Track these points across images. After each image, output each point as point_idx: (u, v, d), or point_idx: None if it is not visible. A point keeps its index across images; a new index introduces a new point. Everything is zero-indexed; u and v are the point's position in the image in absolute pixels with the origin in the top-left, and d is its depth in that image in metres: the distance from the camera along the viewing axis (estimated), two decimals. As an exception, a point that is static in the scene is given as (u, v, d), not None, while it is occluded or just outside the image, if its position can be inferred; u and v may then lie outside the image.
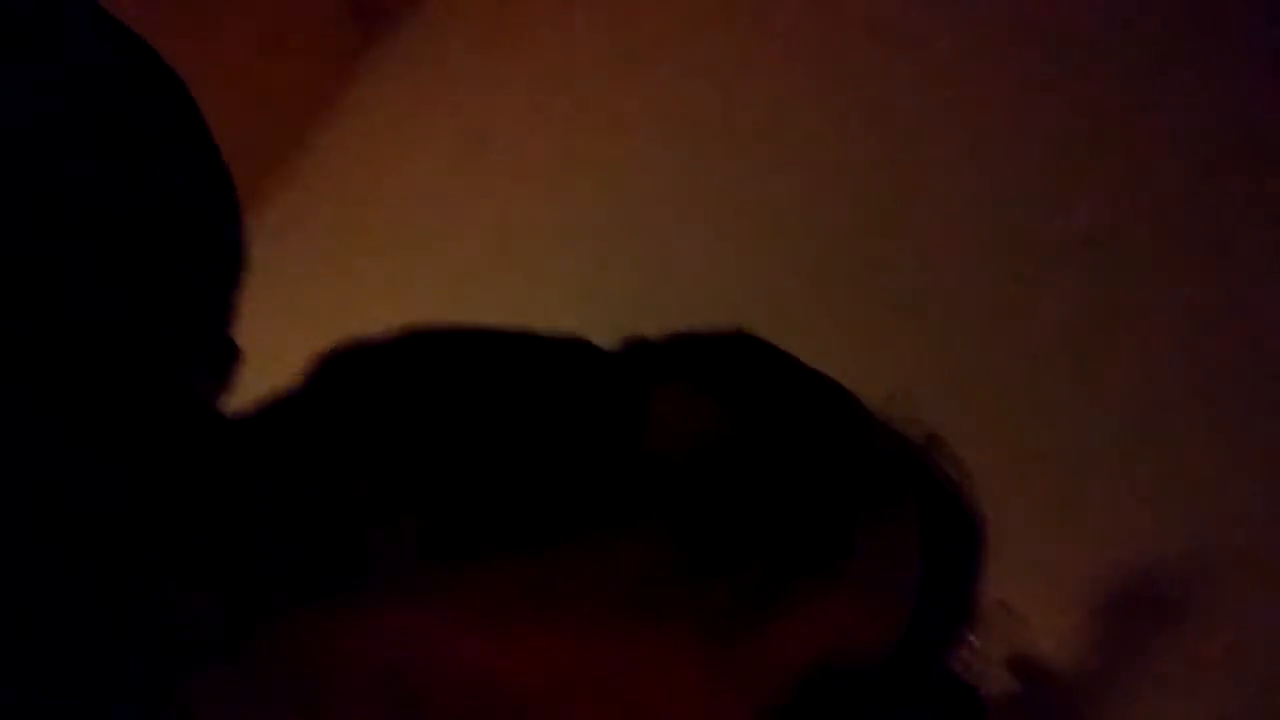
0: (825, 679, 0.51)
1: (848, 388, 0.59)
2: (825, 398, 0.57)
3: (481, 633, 0.46)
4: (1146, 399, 1.13)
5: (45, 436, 0.48)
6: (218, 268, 0.57)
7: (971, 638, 1.05)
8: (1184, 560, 1.06)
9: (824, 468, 0.52)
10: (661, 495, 0.49)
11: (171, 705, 0.47)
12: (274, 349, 0.63)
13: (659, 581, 0.48)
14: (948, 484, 0.59)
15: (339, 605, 0.46)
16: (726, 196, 1.59)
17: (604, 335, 0.56)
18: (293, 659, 0.47)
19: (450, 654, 0.46)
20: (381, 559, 0.46)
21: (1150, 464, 1.11)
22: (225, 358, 0.57)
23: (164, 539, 0.48)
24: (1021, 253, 1.29)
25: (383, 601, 0.46)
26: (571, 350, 0.54)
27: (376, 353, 0.52)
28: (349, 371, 0.51)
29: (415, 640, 0.46)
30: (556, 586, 0.47)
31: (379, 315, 0.57)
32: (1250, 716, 0.99)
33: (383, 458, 0.48)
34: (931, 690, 0.59)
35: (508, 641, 0.46)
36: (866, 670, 0.53)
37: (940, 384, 1.23)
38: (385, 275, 1.93)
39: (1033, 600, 1.06)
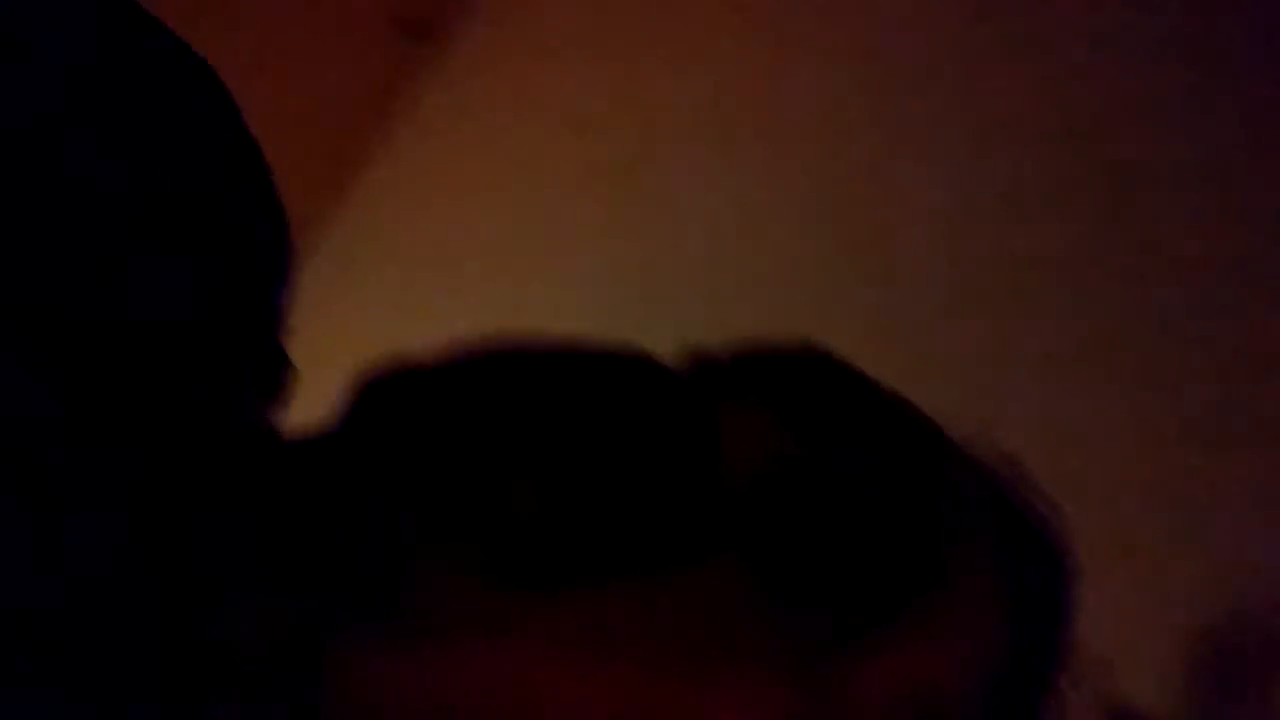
0: None
1: (927, 407, 0.56)
2: (902, 421, 0.55)
3: (551, 669, 0.45)
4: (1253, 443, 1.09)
5: (86, 447, 0.46)
6: (265, 275, 0.55)
7: (1064, 688, 1.01)
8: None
9: (904, 496, 0.50)
10: (738, 525, 0.47)
11: None
12: (326, 369, 0.61)
13: (739, 618, 0.46)
14: (1034, 518, 0.55)
15: (399, 638, 0.45)
16: (784, 202, 1.58)
17: (663, 348, 0.54)
18: (343, 696, 0.45)
19: (518, 693, 0.45)
20: (447, 592, 0.45)
21: (1253, 505, 1.06)
22: (277, 368, 0.56)
23: (203, 565, 0.47)
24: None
25: (452, 635, 0.45)
26: (634, 365, 0.51)
27: (425, 372, 0.50)
28: (395, 392, 0.50)
29: (480, 678, 0.45)
30: (630, 623, 0.45)
31: (433, 332, 0.56)
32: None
33: (444, 489, 0.46)
34: None
35: (579, 679, 0.45)
36: (954, 716, 0.50)
37: (1029, 410, 1.19)
38: (438, 292, 1.95)
39: (1129, 650, 1.02)
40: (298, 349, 0.57)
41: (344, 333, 1.59)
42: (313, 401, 0.62)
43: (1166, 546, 1.10)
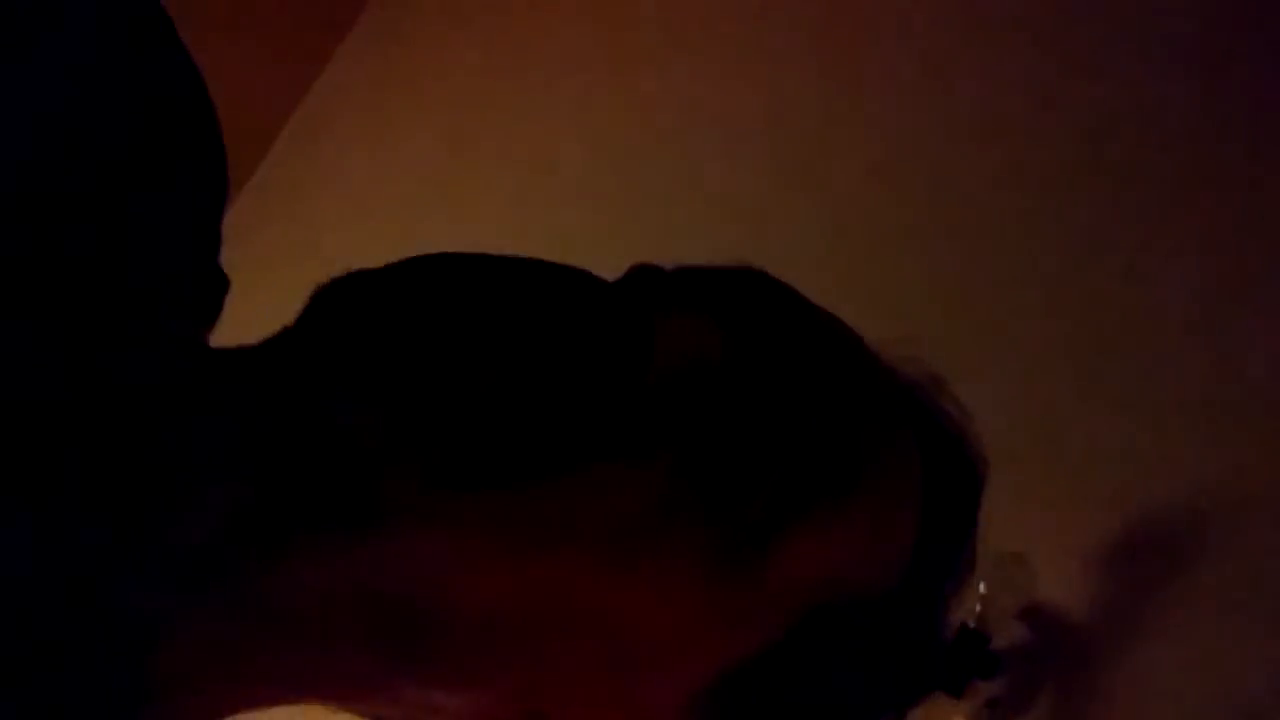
0: (825, 614, 0.52)
1: (851, 321, 0.59)
2: (829, 332, 0.57)
3: (490, 561, 0.47)
4: (1154, 346, 1.13)
5: (32, 363, 0.48)
6: (202, 197, 0.56)
7: (982, 588, 1.06)
8: (1191, 505, 1.06)
9: (827, 400, 0.52)
10: (667, 425, 0.49)
11: (168, 636, 0.47)
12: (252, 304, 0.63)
13: (664, 512, 0.48)
14: (950, 424, 0.59)
15: (345, 535, 0.47)
16: (721, 141, 1.59)
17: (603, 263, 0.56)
18: (294, 588, 0.47)
19: (457, 581, 0.47)
20: (389, 489, 0.46)
21: (1156, 410, 1.10)
22: (214, 286, 0.57)
23: (159, 467, 0.48)
24: (1023, 189, 1.28)
25: (395, 529, 0.46)
26: (575, 277, 0.53)
27: (376, 282, 0.51)
28: (348, 301, 0.51)
29: (423, 567, 0.47)
30: (564, 517, 0.47)
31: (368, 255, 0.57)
32: (1258, 660, 0.99)
33: (387, 387, 0.48)
34: (934, 635, 0.59)
35: (515, 570, 0.47)
36: (867, 608, 0.53)
37: (944, 327, 1.23)
38: (374, 218, 1.93)
39: (1042, 550, 1.06)
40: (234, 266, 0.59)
41: (279, 251, 1.58)
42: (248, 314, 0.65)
43: (1080, 448, 1.15)
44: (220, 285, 0.58)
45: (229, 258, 0.58)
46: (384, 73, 2.23)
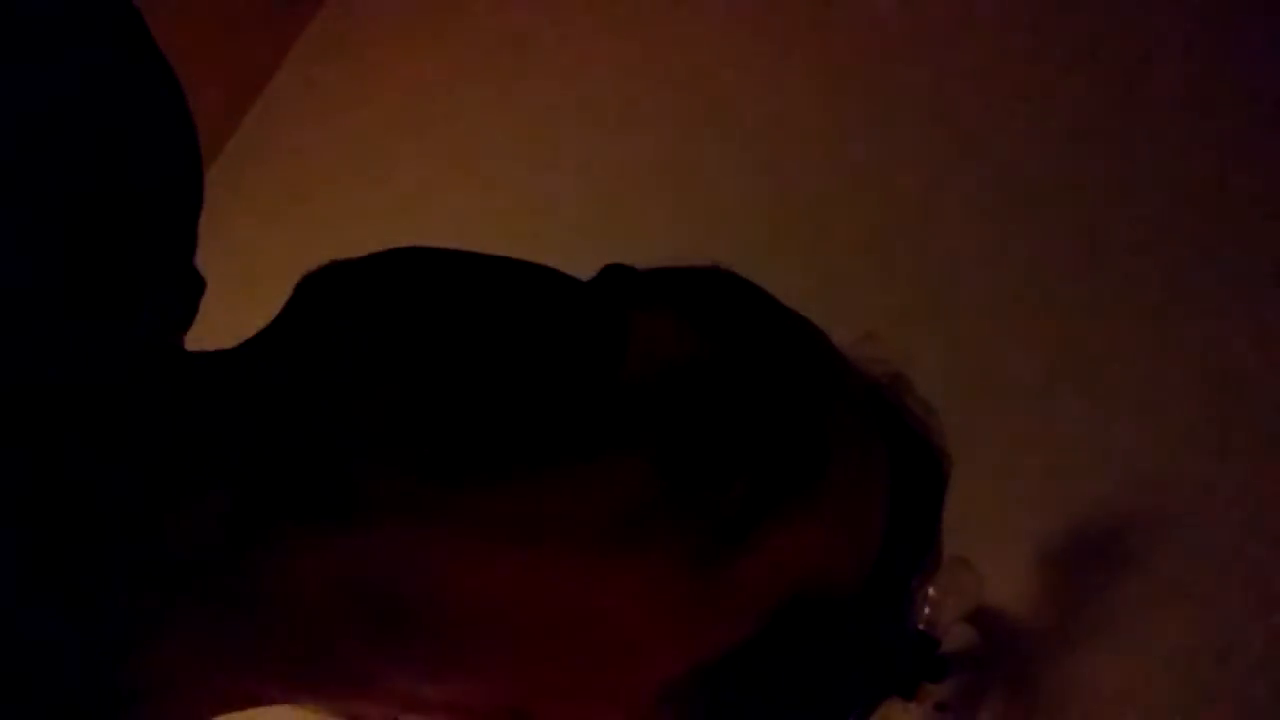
0: (797, 608, 0.52)
1: (819, 322, 0.59)
2: (797, 331, 0.58)
3: (473, 554, 0.47)
4: (1105, 349, 1.15)
5: (10, 367, 0.47)
6: (179, 199, 0.56)
7: (931, 592, 1.07)
8: (1138, 509, 1.08)
9: (797, 397, 0.53)
10: (643, 421, 0.49)
11: (157, 635, 0.47)
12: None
13: (642, 506, 0.49)
14: (914, 421, 0.60)
15: (328, 528, 0.47)
16: (673, 141, 1.59)
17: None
18: (280, 583, 0.47)
19: (440, 574, 0.47)
20: (371, 482, 0.47)
21: (1105, 413, 1.12)
22: (190, 287, 0.57)
23: (144, 468, 0.48)
24: (993, 190, 1.30)
25: (376, 522, 0.47)
26: (550, 275, 0.54)
27: (355, 277, 0.52)
28: (332, 293, 0.51)
29: (406, 560, 0.47)
30: (543, 511, 0.47)
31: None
32: (1205, 664, 1.00)
33: (373, 380, 0.48)
34: (898, 626, 0.60)
35: (496, 563, 0.47)
36: (838, 601, 0.54)
37: (893, 326, 1.24)
38: (347, 226, 1.92)
39: (989, 555, 1.07)
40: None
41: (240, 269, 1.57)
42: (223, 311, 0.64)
43: (1028, 451, 1.16)
44: (196, 286, 0.58)
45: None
46: (345, 62, 2.21)
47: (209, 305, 0.58)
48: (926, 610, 1.07)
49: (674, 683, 0.51)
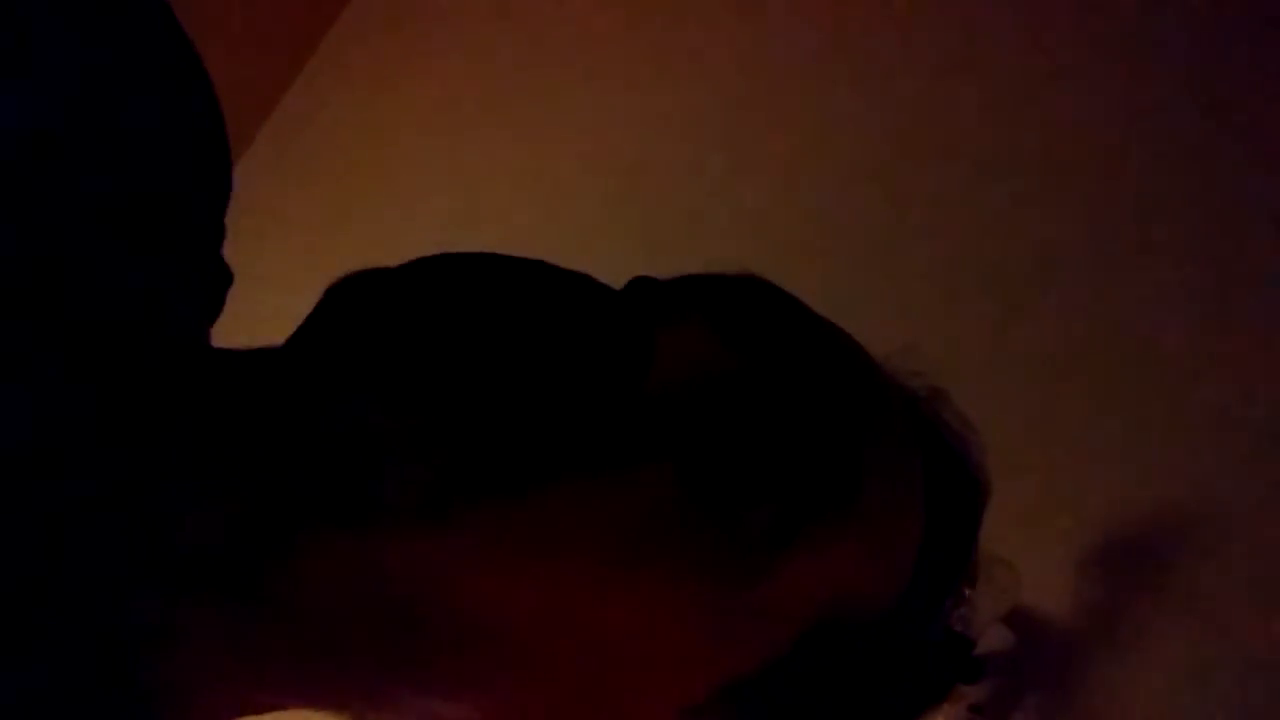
0: (828, 629, 0.51)
1: (855, 335, 0.58)
2: (832, 343, 0.56)
3: (492, 567, 0.46)
4: (1145, 355, 1.14)
5: (35, 362, 0.47)
6: (207, 191, 0.56)
7: (968, 592, 1.06)
8: (1177, 514, 1.07)
9: (830, 412, 0.51)
10: (670, 434, 0.48)
11: (172, 640, 0.47)
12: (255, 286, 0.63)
13: (666, 522, 0.47)
14: (952, 439, 0.59)
15: (347, 535, 0.46)
16: (728, 144, 1.58)
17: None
18: (296, 588, 0.47)
19: (459, 586, 0.46)
20: (393, 491, 0.46)
21: (1146, 418, 1.11)
22: (217, 280, 0.57)
23: (162, 468, 0.48)
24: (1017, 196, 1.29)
25: (396, 531, 0.46)
26: (580, 284, 0.53)
27: (386, 284, 0.51)
28: (361, 300, 0.50)
29: (425, 570, 0.46)
30: (566, 524, 0.47)
31: (362, 258, 0.57)
32: (1240, 667, 0.99)
33: (399, 389, 0.47)
34: (930, 647, 0.59)
35: (516, 576, 0.46)
36: (868, 623, 0.53)
37: (932, 335, 1.23)
38: (370, 221, 1.92)
39: (1028, 557, 1.06)
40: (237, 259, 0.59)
41: (271, 258, 1.58)
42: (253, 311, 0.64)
43: (1069, 454, 1.15)
44: (224, 279, 0.57)
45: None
46: (374, 60, 2.22)
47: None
48: (963, 611, 1.06)
49: (696, 704, 0.50)
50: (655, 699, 0.50)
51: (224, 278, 0.57)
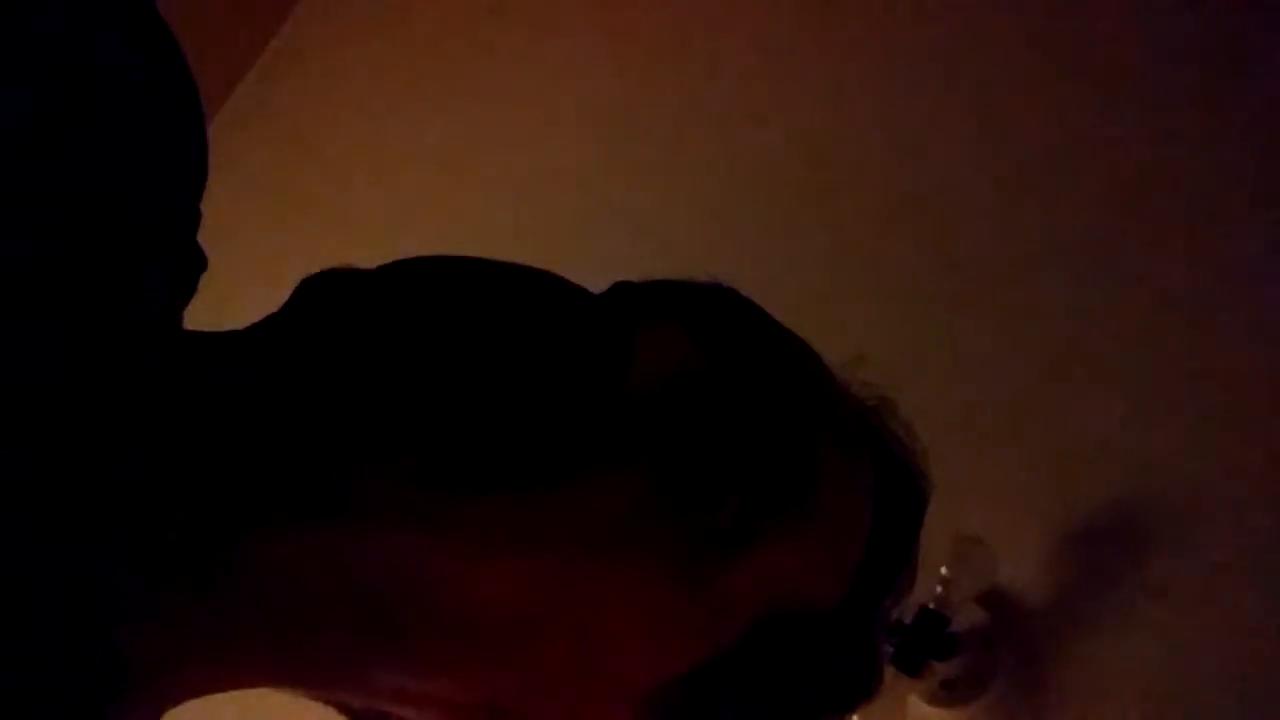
0: (775, 622, 0.54)
1: (813, 344, 0.61)
2: (792, 351, 0.59)
3: (465, 561, 0.48)
4: (1123, 335, 1.15)
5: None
6: (180, 173, 0.56)
7: (944, 570, 1.08)
8: (1153, 496, 1.09)
9: (789, 415, 0.54)
10: (642, 432, 0.51)
11: (138, 616, 0.47)
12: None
13: (634, 517, 0.50)
14: (898, 445, 0.61)
15: (316, 519, 0.48)
16: (672, 144, 1.59)
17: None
18: (263, 567, 0.48)
19: (431, 578, 0.48)
20: (366, 480, 0.48)
21: (1123, 398, 1.13)
22: (191, 263, 0.57)
23: (128, 444, 0.48)
24: (1000, 187, 1.30)
25: (367, 518, 0.48)
26: (558, 286, 0.54)
27: (365, 279, 0.52)
28: (340, 295, 0.51)
29: (399, 562, 0.48)
30: (542, 521, 0.49)
31: (326, 243, 0.58)
32: (1211, 651, 1.02)
33: (378, 382, 0.49)
34: (871, 647, 0.61)
35: (488, 571, 0.48)
36: (812, 618, 0.56)
37: (914, 314, 1.25)
38: (335, 204, 1.92)
39: (1003, 533, 1.09)
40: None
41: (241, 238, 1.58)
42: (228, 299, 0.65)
43: (1045, 434, 1.17)
44: (197, 262, 0.57)
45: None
46: (347, 28, 2.20)
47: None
48: (938, 589, 1.09)
49: (654, 690, 0.53)
50: (618, 681, 0.52)
51: (198, 262, 0.57)
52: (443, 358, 0.49)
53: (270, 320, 0.52)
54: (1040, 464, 1.15)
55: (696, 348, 0.54)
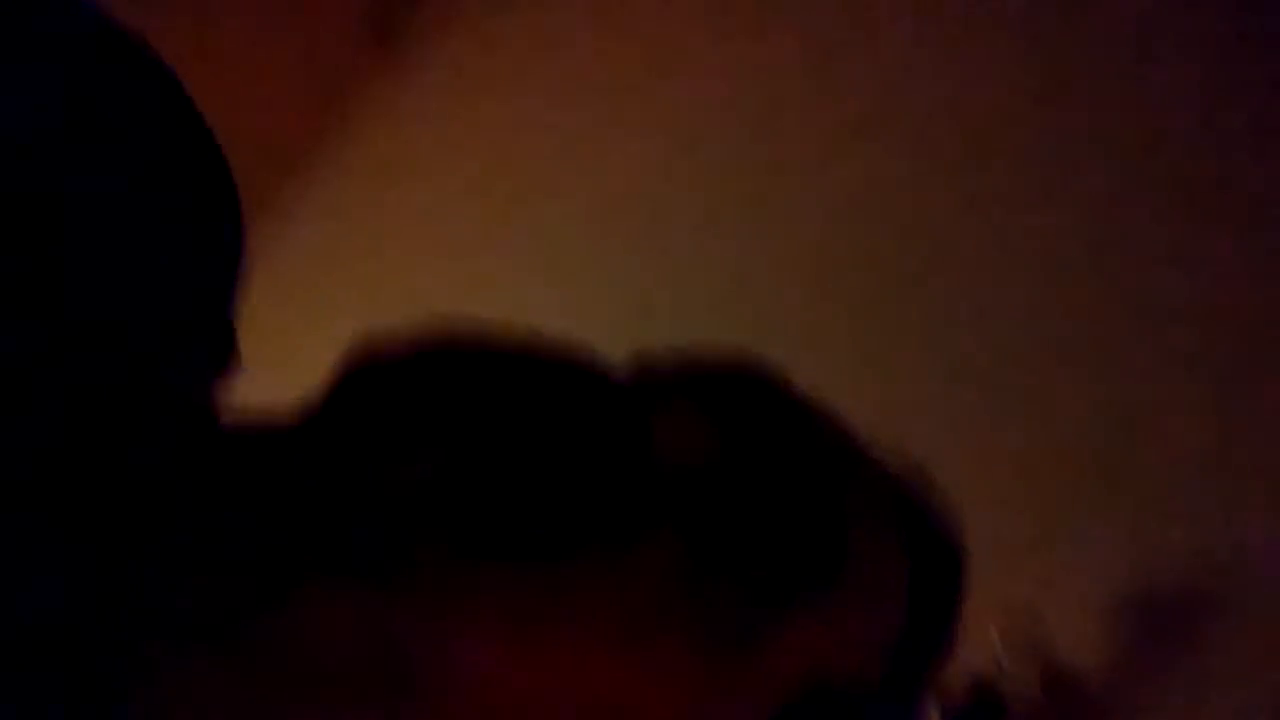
0: (814, 698, 0.53)
1: (843, 416, 0.59)
2: (818, 426, 0.58)
3: (494, 635, 0.48)
4: (1176, 405, 1.13)
5: (37, 425, 0.48)
6: (217, 259, 0.57)
7: (996, 641, 1.06)
8: (1214, 569, 1.06)
9: (814, 493, 0.53)
10: (667, 514, 0.50)
11: (158, 684, 0.48)
12: (278, 348, 0.64)
13: (661, 599, 0.49)
14: (934, 517, 0.60)
15: (356, 587, 0.48)
16: (746, 207, 1.59)
17: (607, 344, 0.58)
18: (296, 634, 0.48)
19: (459, 651, 0.48)
20: (406, 549, 0.48)
21: (1183, 469, 1.10)
22: (227, 349, 0.58)
23: (162, 522, 0.49)
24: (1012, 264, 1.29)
25: (405, 588, 0.47)
26: (582, 364, 0.55)
27: (400, 352, 0.53)
28: (374, 368, 0.52)
29: (427, 632, 0.48)
30: (571, 597, 0.48)
31: (385, 317, 0.59)
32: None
33: (415, 453, 0.49)
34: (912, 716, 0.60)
35: (517, 647, 0.48)
36: (853, 692, 0.54)
37: (969, 378, 1.24)
38: (393, 277, 1.95)
39: (1055, 606, 1.07)
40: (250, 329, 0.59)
41: (297, 313, 1.60)
42: (265, 378, 0.66)
43: (1103, 504, 1.14)
44: (233, 345, 0.58)
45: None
46: (407, 108, 2.25)
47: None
48: (995, 659, 1.07)
49: None
50: None
51: (232, 344, 0.58)
52: (478, 432, 0.50)
53: (314, 394, 0.53)
54: (1104, 530, 1.12)
55: (717, 428, 0.53)
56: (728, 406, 0.55)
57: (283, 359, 0.62)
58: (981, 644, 1.06)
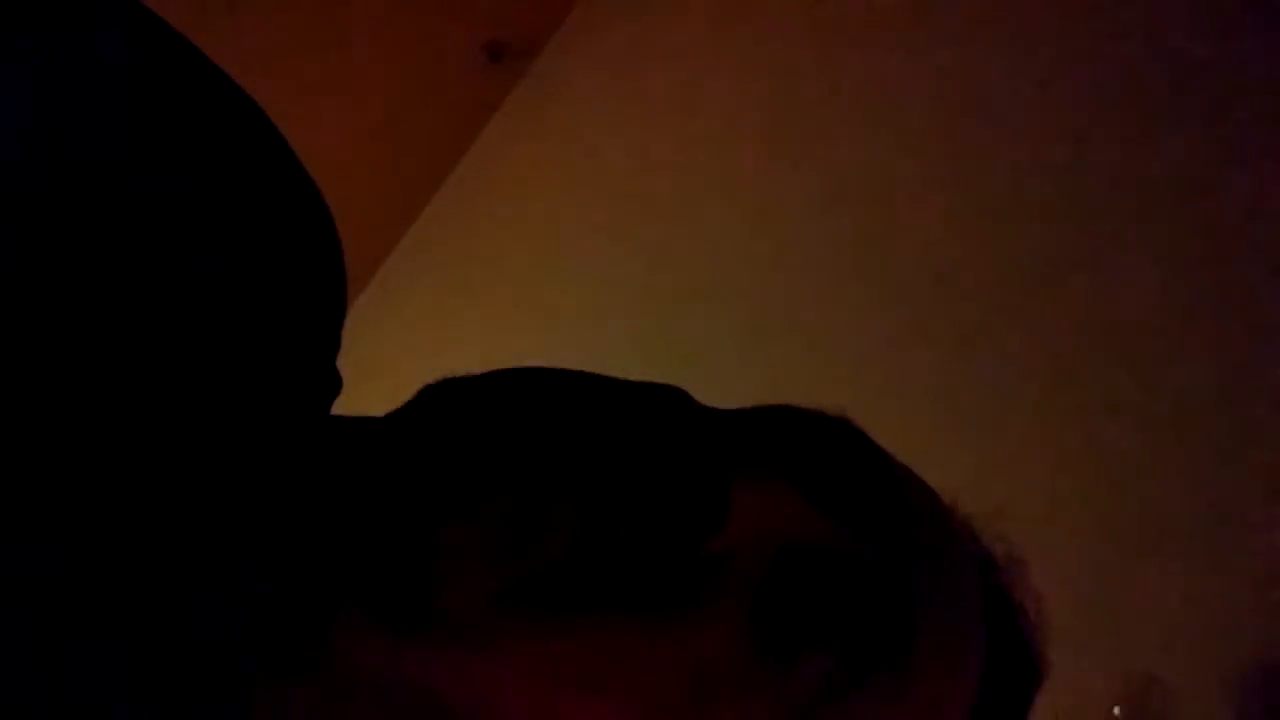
0: None
1: (938, 494, 0.58)
2: (908, 500, 0.56)
3: (539, 693, 0.46)
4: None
5: (139, 453, 0.48)
6: (316, 300, 0.57)
7: (1117, 711, 1.02)
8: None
9: (887, 570, 0.51)
10: (733, 587, 0.48)
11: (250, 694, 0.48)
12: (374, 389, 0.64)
13: (727, 666, 0.47)
14: (1019, 613, 0.57)
15: (395, 633, 0.47)
16: (872, 254, 1.57)
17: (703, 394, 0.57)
18: (338, 669, 0.47)
19: (503, 706, 0.47)
20: (455, 599, 0.46)
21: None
22: (327, 388, 0.58)
23: (225, 540, 0.49)
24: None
25: (448, 639, 0.46)
26: (666, 415, 0.53)
27: (478, 392, 0.52)
28: (446, 406, 0.51)
29: (473, 684, 0.46)
30: (622, 660, 0.47)
31: (506, 355, 0.58)
32: None
33: (472, 500, 0.48)
34: None
35: (563, 708, 0.47)
36: None
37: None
38: (510, 315, 1.97)
39: (1180, 672, 1.02)
40: (350, 367, 0.60)
41: (395, 354, 1.63)
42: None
43: (1229, 566, 1.10)
44: (333, 386, 0.59)
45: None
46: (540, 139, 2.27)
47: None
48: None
49: None
50: None
51: (334, 385, 0.58)
52: (542, 481, 0.48)
53: (381, 425, 0.52)
54: (1229, 593, 1.07)
55: (801, 500, 0.51)
56: (815, 472, 0.53)
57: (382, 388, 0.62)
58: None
